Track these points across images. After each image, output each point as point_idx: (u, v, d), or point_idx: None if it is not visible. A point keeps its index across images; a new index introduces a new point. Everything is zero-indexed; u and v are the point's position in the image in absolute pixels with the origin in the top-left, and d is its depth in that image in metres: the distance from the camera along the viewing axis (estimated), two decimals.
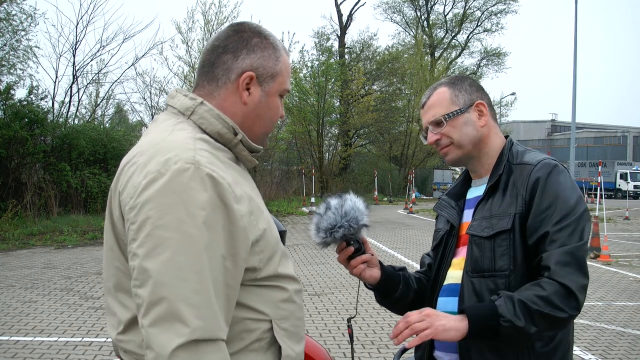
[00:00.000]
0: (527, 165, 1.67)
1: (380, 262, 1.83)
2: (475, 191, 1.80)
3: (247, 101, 1.42)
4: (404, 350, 1.99)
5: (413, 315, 1.55)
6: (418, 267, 2.09)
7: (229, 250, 1.23)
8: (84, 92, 21.27)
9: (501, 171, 1.71)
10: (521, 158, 1.71)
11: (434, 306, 1.78)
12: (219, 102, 1.41)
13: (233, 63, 1.40)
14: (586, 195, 28.92)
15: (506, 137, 1.84)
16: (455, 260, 1.76)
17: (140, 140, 1.39)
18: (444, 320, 1.53)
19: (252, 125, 1.44)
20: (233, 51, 1.41)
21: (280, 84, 1.46)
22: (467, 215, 1.78)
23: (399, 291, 1.84)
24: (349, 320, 1.87)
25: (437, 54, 44.80)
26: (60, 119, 18.37)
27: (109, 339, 5.38)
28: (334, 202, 1.72)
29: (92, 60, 20.06)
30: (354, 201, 1.72)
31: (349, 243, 1.74)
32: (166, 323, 1.15)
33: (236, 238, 1.24)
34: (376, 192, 30.00)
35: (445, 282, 1.76)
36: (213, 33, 24.52)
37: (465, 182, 1.88)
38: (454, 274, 1.73)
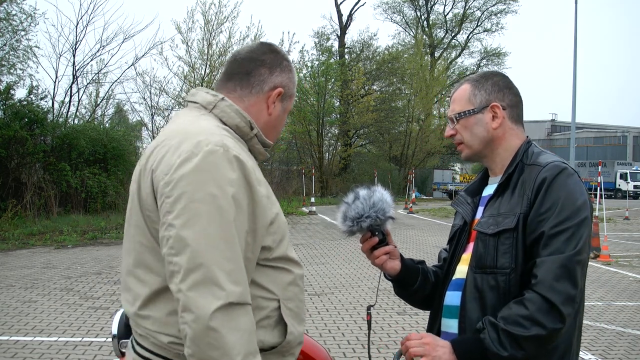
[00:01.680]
0: (536, 166, 1.67)
1: (400, 254, 1.86)
2: (490, 189, 1.82)
3: (272, 112, 1.61)
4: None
5: (413, 339, 1.63)
6: None
7: (251, 225, 1.38)
8: (84, 92, 21.27)
9: (511, 170, 1.72)
10: (534, 159, 1.71)
11: (442, 299, 1.80)
12: (246, 106, 1.58)
13: (268, 77, 1.59)
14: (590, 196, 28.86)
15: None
16: (464, 256, 1.78)
17: (166, 127, 1.54)
18: (440, 351, 1.60)
19: (267, 134, 1.61)
20: (270, 67, 1.60)
21: (291, 104, 1.69)
22: (480, 212, 1.80)
23: (417, 284, 1.88)
24: (368, 308, 1.90)
25: (437, 54, 44.81)
26: (60, 119, 18.38)
27: (109, 339, 5.38)
28: (362, 192, 1.76)
29: (92, 60, 20.07)
30: (382, 193, 1.76)
31: (373, 233, 1.78)
32: (204, 287, 1.27)
33: (257, 216, 1.39)
34: None
35: (454, 277, 1.79)
36: (213, 33, 24.64)
37: (483, 179, 1.89)
38: (462, 269, 1.76)
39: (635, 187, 38.39)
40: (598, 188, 13.58)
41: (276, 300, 1.46)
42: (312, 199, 22.40)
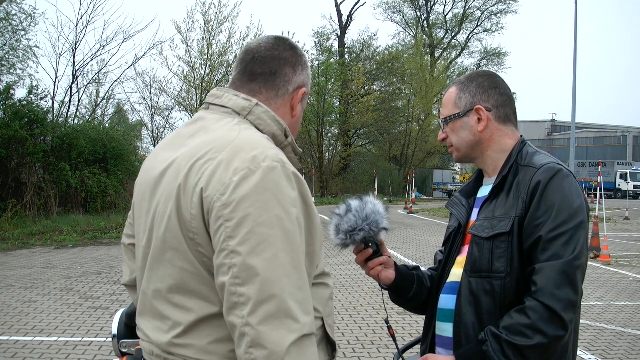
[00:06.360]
0: (531, 167, 1.65)
1: (394, 263, 1.85)
2: (485, 190, 1.80)
3: (296, 114, 1.51)
4: (404, 350, 1.99)
5: None
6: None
7: (308, 248, 1.28)
8: (84, 92, 21.30)
9: (506, 172, 1.70)
10: (529, 160, 1.69)
11: (436, 302, 1.79)
12: (274, 109, 1.45)
13: (292, 77, 1.47)
14: (585, 195, 28.94)
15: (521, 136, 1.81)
16: (459, 259, 1.77)
17: (202, 137, 1.36)
18: None
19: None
20: (293, 65, 1.48)
21: (306, 101, 1.56)
22: (475, 214, 1.78)
23: (413, 290, 1.87)
24: (386, 321, 1.93)
25: (437, 54, 44.81)
26: (60, 119, 18.40)
27: (109, 339, 5.38)
28: (355, 204, 1.72)
29: (92, 60, 20.12)
30: (374, 204, 1.73)
31: (367, 245, 1.75)
32: (278, 320, 1.16)
33: (314, 236, 1.31)
34: (376, 192, 30.00)
35: (449, 280, 1.77)
36: (213, 33, 24.65)
37: (478, 180, 1.88)
38: (457, 272, 1.74)
39: (635, 187, 38.40)
40: (598, 188, 13.59)
41: (320, 318, 1.38)
42: (312, 199, 22.39)
